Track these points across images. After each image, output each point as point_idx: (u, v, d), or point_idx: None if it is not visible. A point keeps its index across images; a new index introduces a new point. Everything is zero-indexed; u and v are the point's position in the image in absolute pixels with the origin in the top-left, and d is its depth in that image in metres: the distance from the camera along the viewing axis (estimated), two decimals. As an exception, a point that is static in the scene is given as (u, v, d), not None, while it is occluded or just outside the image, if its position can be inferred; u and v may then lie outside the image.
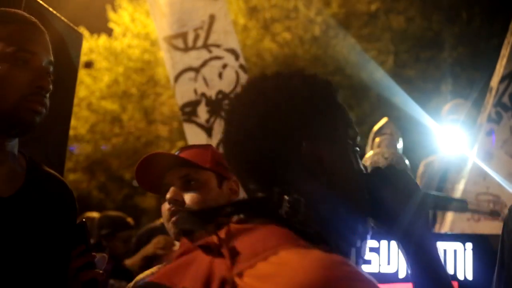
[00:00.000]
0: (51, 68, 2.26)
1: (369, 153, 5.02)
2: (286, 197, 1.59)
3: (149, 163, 2.68)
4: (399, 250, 4.25)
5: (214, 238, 1.53)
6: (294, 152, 1.62)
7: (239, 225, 1.56)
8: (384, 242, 4.18)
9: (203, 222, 1.60)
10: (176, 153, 2.77)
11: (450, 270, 4.31)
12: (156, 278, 1.58)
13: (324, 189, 1.63)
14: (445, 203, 1.91)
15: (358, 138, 1.77)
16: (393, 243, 4.23)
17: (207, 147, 2.88)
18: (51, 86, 2.22)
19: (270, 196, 1.61)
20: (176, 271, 1.57)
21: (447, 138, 5.72)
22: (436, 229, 5.77)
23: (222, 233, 1.53)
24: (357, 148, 1.77)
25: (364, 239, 1.81)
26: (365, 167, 1.81)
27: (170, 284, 1.54)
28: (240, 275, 1.42)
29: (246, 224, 1.56)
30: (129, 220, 6.34)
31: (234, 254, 1.47)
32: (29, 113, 2.16)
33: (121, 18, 16.59)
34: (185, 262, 1.57)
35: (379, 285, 1.54)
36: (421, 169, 6.16)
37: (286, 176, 1.63)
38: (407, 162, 4.92)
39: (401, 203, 1.77)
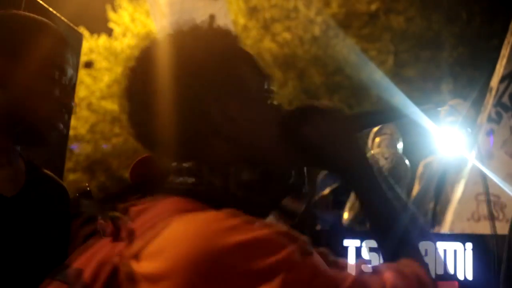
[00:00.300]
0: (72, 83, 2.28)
1: (369, 153, 5.02)
2: (186, 165, 1.52)
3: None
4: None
5: (114, 222, 1.48)
6: (204, 118, 1.52)
7: (139, 205, 1.49)
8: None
9: (106, 207, 1.55)
10: None
11: (450, 270, 4.32)
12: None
13: (239, 151, 1.54)
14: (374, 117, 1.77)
15: (269, 86, 1.70)
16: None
17: None
18: (73, 104, 2.24)
19: (173, 168, 1.54)
20: (80, 253, 1.53)
21: (446, 139, 5.72)
22: (436, 230, 5.78)
23: (123, 216, 1.48)
24: (272, 97, 1.69)
25: (297, 190, 1.66)
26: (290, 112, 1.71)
27: (68, 263, 1.51)
28: (136, 257, 1.35)
29: (146, 202, 1.50)
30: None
31: (131, 235, 1.41)
32: (51, 129, 2.17)
33: (121, 18, 16.57)
34: (90, 246, 1.52)
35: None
36: (420, 169, 6.16)
37: (199, 145, 1.54)
38: (407, 162, 4.92)
39: (331, 141, 1.64)
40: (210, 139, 1.53)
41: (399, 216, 1.63)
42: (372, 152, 5.02)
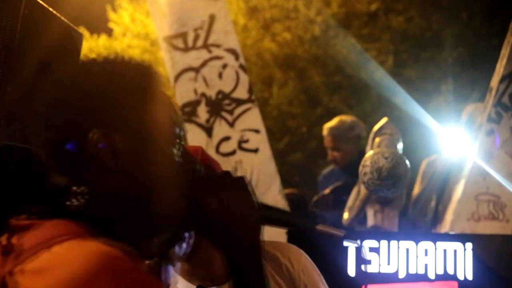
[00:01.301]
0: None
1: (369, 153, 5.02)
2: (75, 189, 1.50)
3: None
4: (399, 251, 4.26)
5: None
6: (86, 145, 1.50)
7: (24, 222, 1.47)
8: (384, 242, 4.18)
9: None
10: None
11: (450, 270, 4.32)
12: None
13: (118, 184, 1.51)
14: (282, 218, 1.73)
15: (180, 131, 1.65)
16: (393, 244, 4.24)
17: (197, 148, 2.87)
18: None
19: (60, 188, 1.51)
20: None
21: (450, 139, 5.72)
22: (437, 229, 5.78)
23: (7, 232, 1.46)
24: (181, 143, 1.64)
25: (172, 245, 1.63)
26: (197, 168, 1.69)
27: None
28: (11, 273, 1.35)
29: (31, 220, 1.47)
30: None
31: (9, 251, 1.40)
32: None
33: (121, 18, 16.57)
34: None
35: (379, 285, 1.49)
36: (423, 167, 6.16)
37: (87, 171, 1.52)
38: (407, 162, 4.92)
39: (228, 216, 1.62)
40: (92, 168, 1.51)
41: None
42: (372, 151, 5.01)
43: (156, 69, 1.66)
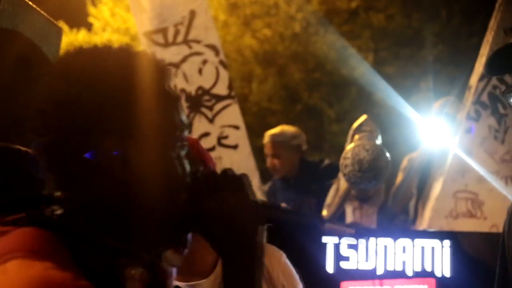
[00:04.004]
0: None
1: (350, 145, 5.05)
2: (59, 195, 1.45)
3: None
4: (377, 248, 4.27)
5: None
6: (77, 149, 1.43)
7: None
8: (362, 240, 4.19)
9: None
10: None
11: (428, 267, 4.33)
12: None
13: (116, 190, 1.45)
14: (286, 217, 1.68)
15: (186, 132, 1.58)
16: (372, 241, 4.25)
17: (193, 141, 2.81)
18: None
19: (43, 195, 1.47)
20: None
21: (430, 132, 5.72)
22: (415, 226, 5.80)
23: None
24: (185, 148, 1.57)
25: (167, 247, 1.58)
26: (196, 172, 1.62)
27: None
28: None
29: (5, 227, 1.42)
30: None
31: None
32: None
33: (101, 13, 16.50)
34: None
35: (357, 281, 1.49)
36: (404, 163, 6.17)
37: (78, 175, 1.44)
38: (387, 154, 4.95)
39: (228, 217, 1.58)
40: (98, 176, 1.45)
41: None
42: (353, 144, 5.04)
43: (166, 64, 1.58)
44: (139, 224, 1.48)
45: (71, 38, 16.35)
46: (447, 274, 4.34)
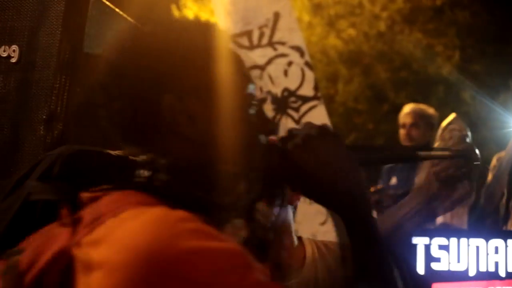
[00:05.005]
0: None
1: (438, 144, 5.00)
2: (143, 158, 1.45)
3: None
4: (469, 248, 4.20)
5: (65, 209, 1.40)
6: (159, 113, 1.44)
7: (91, 194, 1.41)
8: (453, 240, 4.13)
9: (59, 192, 1.45)
10: None
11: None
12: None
13: (200, 151, 1.45)
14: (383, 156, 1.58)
15: (253, 89, 1.57)
16: (463, 241, 4.18)
17: None
18: None
19: (128, 159, 1.47)
20: (35, 237, 1.42)
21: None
22: (508, 227, 5.69)
23: (74, 203, 1.40)
24: (256, 102, 1.56)
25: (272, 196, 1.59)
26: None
27: (19, 247, 1.41)
28: (79, 243, 1.27)
29: (99, 192, 1.41)
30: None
31: (77, 222, 1.33)
32: None
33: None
34: (45, 231, 1.41)
35: (449, 283, 1.46)
36: (493, 162, 6.08)
37: (157, 140, 1.46)
38: (477, 151, 4.87)
39: (329, 169, 1.53)
40: (167, 135, 1.45)
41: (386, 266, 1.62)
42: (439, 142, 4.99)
43: (218, 26, 1.58)
44: (222, 178, 1.45)
45: (157, 43, 16.60)
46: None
